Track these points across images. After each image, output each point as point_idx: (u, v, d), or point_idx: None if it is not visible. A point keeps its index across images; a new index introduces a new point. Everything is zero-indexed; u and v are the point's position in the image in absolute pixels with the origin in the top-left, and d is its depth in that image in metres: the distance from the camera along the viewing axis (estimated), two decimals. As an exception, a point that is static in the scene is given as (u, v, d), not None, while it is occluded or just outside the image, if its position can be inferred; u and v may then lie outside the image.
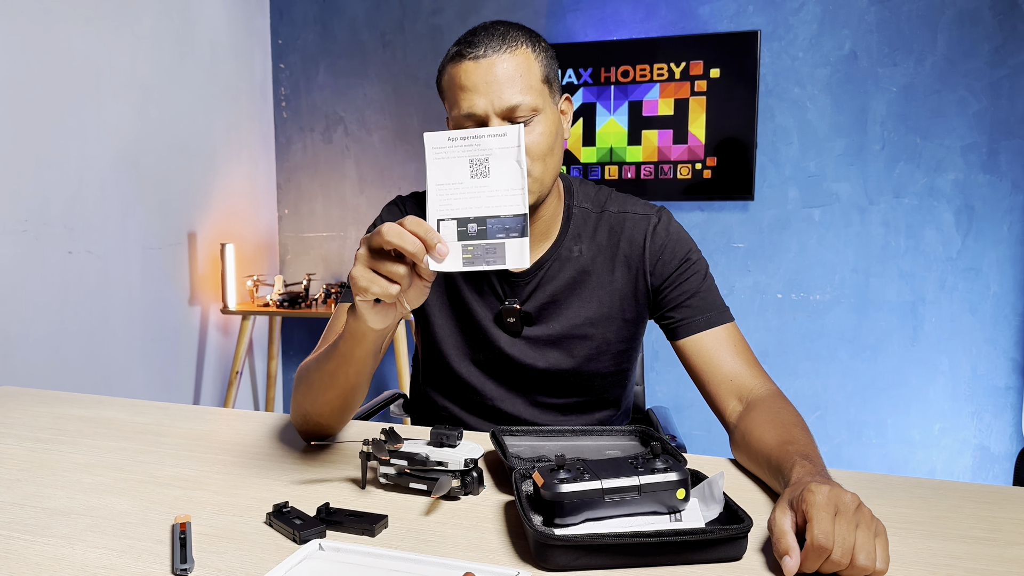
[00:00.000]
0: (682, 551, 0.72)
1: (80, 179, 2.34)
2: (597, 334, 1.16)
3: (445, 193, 0.84)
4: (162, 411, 1.24)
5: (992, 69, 2.49)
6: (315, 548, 0.72)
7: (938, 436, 2.64)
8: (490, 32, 1.04)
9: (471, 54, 1.03)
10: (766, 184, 2.73)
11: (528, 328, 1.17)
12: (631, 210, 1.18)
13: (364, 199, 3.19)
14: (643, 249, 1.16)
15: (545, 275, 1.16)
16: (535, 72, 1.05)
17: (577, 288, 1.16)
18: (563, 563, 0.70)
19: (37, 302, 2.21)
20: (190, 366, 2.88)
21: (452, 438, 0.87)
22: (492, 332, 1.17)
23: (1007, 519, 0.82)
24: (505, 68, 1.02)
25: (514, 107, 1.02)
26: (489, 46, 1.02)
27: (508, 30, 1.05)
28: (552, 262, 1.16)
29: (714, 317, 1.13)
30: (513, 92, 1.02)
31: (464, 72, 1.03)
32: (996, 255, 2.54)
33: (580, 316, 1.16)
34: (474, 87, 1.02)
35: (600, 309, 1.16)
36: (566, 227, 1.17)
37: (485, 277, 1.17)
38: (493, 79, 1.02)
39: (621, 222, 1.17)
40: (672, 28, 2.75)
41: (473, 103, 1.02)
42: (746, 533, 0.72)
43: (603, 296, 1.16)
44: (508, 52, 1.03)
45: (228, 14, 2.99)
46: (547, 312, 1.16)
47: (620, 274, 1.16)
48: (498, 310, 1.17)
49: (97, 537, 0.77)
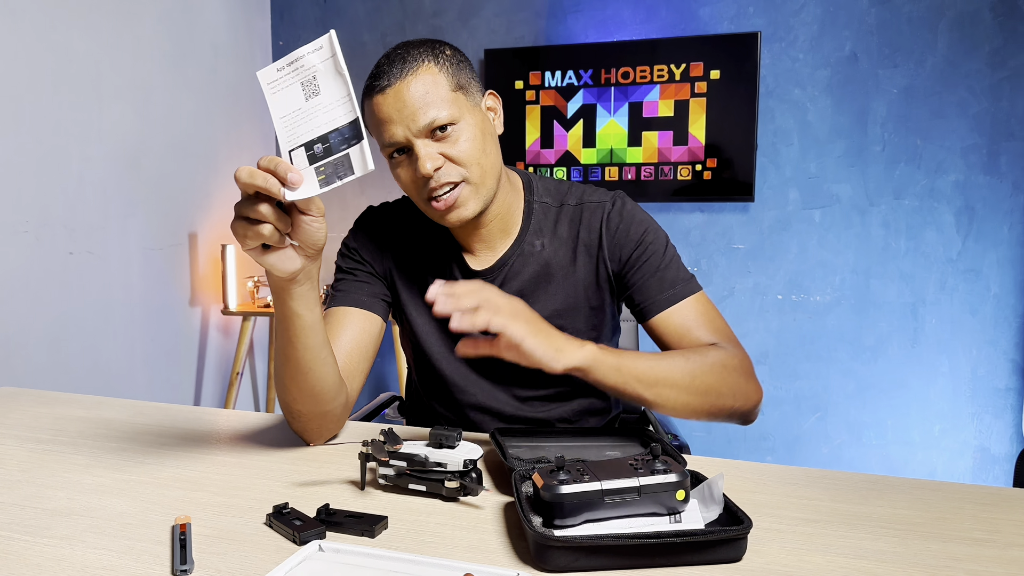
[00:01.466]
0: (681, 552, 0.72)
1: (81, 180, 2.34)
2: (566, 324, 1.16)
3: (289, 123, 0.84)
4: (162, 412, 1.24)
5: (992, 71, 2.49)
6: (315, 549, 0.72)
7: (938, 437, 2.64)
8: (391, 60, 1.06)
9: (378, 87, 1.06)
10: (766, 185, 2.73)
11: None
12: (588, 199, 1.20)
13: (364, 200, 3.19)
14: (600, 235, 1.17)
15: (509, 271, 1.18)
16: (442, 84, 1.06)
17: (542, 282, 1.18)
18: (563, 564, 0.70)
19: (38, 303, 2.21)
20: (191, 367, 2.88)
21: (451, 439, 0.87)
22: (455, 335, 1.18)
23: (1007, 520, 0.82)
24: (411, 92, 1.04)
25: (429, 123, 1.04)
26: (391, 74, 1.05)
27: (408, 52, 1.07)
28: (515, 258, 1.18)
29: (678, 292, 1.14)
30: (425, 112, 1.04)
31: (378, 106, 1.06)
32: (996, 256, 2.54)
33: (547, 309, 1.17)
34: (388, 118, 1.05)
35: (566, 300, 1.18)
36: (527, 223, 1.19)
37: (447, 278, 1.18)
38: (402, 106, 1.04)
39: (579, 212, 1.19)
40: (672, 29, 2.75)
41: (392, 133, 1.05)
42: (746, 534, 0.72)
43: (567, 287, 1.18)
44: (411, 75, 1.05)
45: (229, 15, 2.99)
46: None
47: (581, 263, 1.18)
48: None
49: (97, 538, 0.77)
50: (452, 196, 1.07)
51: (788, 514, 0.84)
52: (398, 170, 1.10)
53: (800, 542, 0.77)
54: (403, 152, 1.08)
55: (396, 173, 1.10)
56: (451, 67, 1.08)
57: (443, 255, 1.20)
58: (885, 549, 0.75)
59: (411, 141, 1.05)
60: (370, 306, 1.18)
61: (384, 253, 1.23)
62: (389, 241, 1.23)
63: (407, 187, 1.10)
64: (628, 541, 0.70)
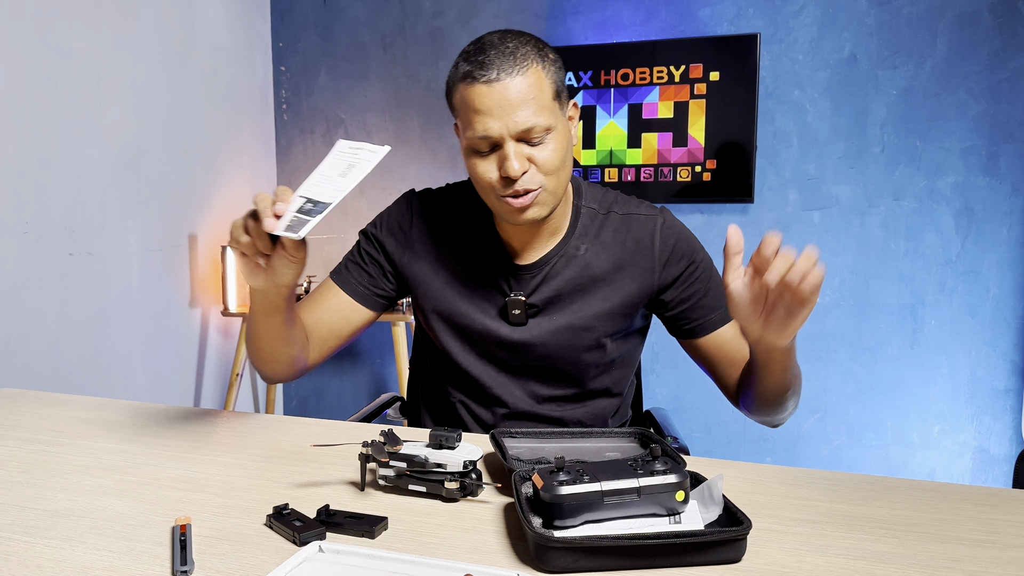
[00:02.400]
0: (681, 553, 0.72)
1: (81, 181, 2.34)
2: (598, 327, 1.19)
3: (318, 179, 0.96)
4: (163, 413, 1.24)
5: (992, 72, 2.49)
6: (315, 550, 0.72)
7: (938, 438, 2.64)
8: (500, 51, 1.04)
9: (483, 77, 1.03)
10: (766, 187, 2.73)
11: (532, 320, 1.19)
12: (636, 211, 1.21)
13: (364, 201, 3.19)
14: (651, 249, 1.19)
15: (551, 270, 1.18)
16: (546, 91, 1.06)
17: (581, 285, 1.19)
18: (563, 565, 0.71)
19: (38, 304, 2.21)
20: (191, 368, 2.88)
21: (451, 440, 0.87)
22: (493, 324, 1.19)
23: (1006, 521, 0.82)
24: (518, 91, 1.03)
25: (528, 129, 1.04)
26: (501, 68, 1.03)
27: (518, 47, 1.05)
28: (558, 258, 1.19)
29: (726, 312, 1.19)
30: (527, 115, 1.03)
31: (477, 95, 1.03)
32: (996, 258, 2.54)
33: (583, 311, 1.18)
34: (488, 111, 1.03)
35: (603, 306, 1.19)
36: (574, 226, 1.20)
37: (488, 271, 1.19)
38: (506, 103, 1.03)
39: (627, 222, 1.20)
40: (672, 31, 2.76)
41: (488, 126, 1.04)
42: (745, 535, 0.72)
43: (607, 293, 1.19)
44: (520, 74, 1.03)
45: (229, 16, 3.00)
46: (551, 306, 1.19)
47: (625, 272, 1.19)
48: (503, 303, 1.19)
49: (97, 539, 0.77)
50: (528, 199, 1.07)
51: (787, 515, 0.84)
52: (477, 160, 1.08)
53: (799, 543, 0.77)
54: (489, 148, 1.06)
55: (473, 162, 1.08)
56: (554, 72, 1.09)
57: (486, 249, 1.20)
58: (884, 550, 0.75)
59: (504, 139, 1.04)
60: (362, 297, 1.23)
61: (413, 246, 1.23)
62: (426, 232, 1.23)
63: (481, 181, 1.09)
64: (628, 542, 0.70)
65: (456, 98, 1.08)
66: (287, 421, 1.19)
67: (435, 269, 1.22)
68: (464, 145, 1.09)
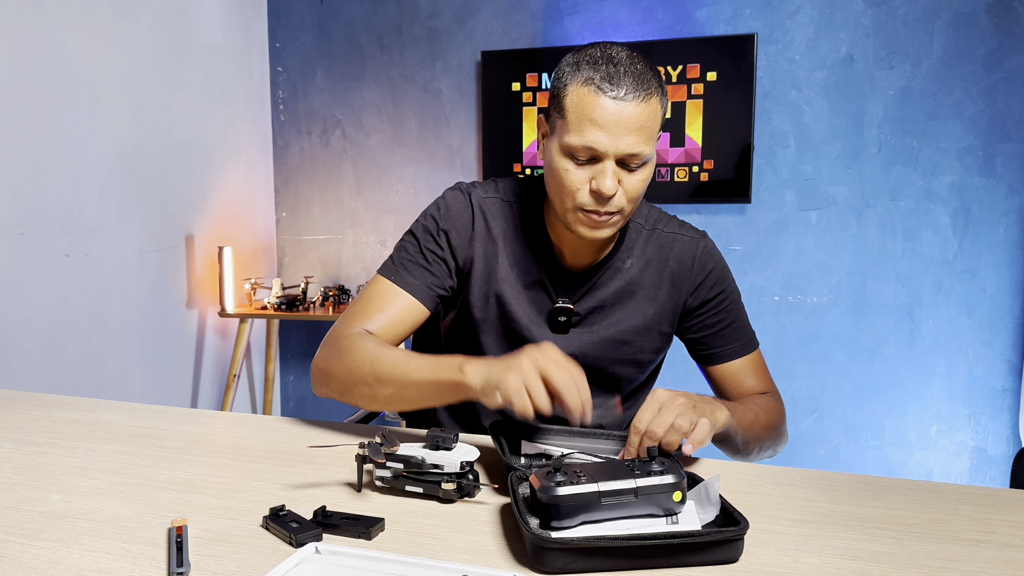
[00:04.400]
0: (678, 553, 0.72)
1: (77, 182, 2.34)
2: (636, 342, 1.22)
3: None
4: (159, 414, 1.23)
5: (988, 72, 2.50)
6: (311, 551, 0.72)
7: (935, 438, 2.64)
8: (632, 71, 1.03)
9: (611, 91, 1.02)
10: (763, 187, 2.73)
11: (573, 329, 1.20)
12: (681, 232, 1.24)
13: (361, 202, 3.19)
14: (690, 270, 1.21)
15: (598, 281, 1.20)
16: (657, 121, 1.07)
17: (624, 298, 1.20)
18: (559, 566, 0.71)
19: (34, 305, 2.21)
20: (187, 369, 2.88)
21: (448, 441, 0.87)
22: (537, 328, 1.20)
23: (1003, 521, 0.82)
24: (638, 117, 1.02)
25: (633, 155, 1.04)
26: (630, 90, 1.02)
27: (646, 71, 1.05)
28: (605, 270, 1.20)
29: (744, 346, 1.24)
30: (637, 141, 1.03)
31: (599, 106, 1.02)
32: (992, 258, 2.54)
33: (624, 324, 1.20)
34: (604, 125, 1.02)
35: (644, 320, 1.21)
36: (621, 240, 1.21)
37: (537, 273, 1.19)
38: (624, 124, 1.02)
39: (671, 241, 1.22)
40: (669, 31, 2.76)
41: (596, 140, 1.03)
42: (742, 535, 0.72)
43: (647, 308, 1.21)
44: (644, 100, 1.03)
45: (225, 17, 2.99)
46: (593, 316, 1.20)
47: (665, 290, 1.21)
48: (550, 308, 1.20)
49: (93, 541, 0.77)
50: (603, 220, 1.08)
51: (785, 515, 0.84)
52: (571, 167, 1.06)
53: (797, 543, 0.77)
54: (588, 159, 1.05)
55: (564, 165, 1.06)
56: (665, 104, 1.09)
57: (538, 253, 1.20)
58: (881, 550, 0.75)
59: (607, 156, 1.04)
60: (422, 296, 1.18)
61: (474, 239, 1.20)
62: (485, 226, 1.21)
63: (568, 187, 1.07)
64: (624, 543, 0.70)
65: (570, 99, 1.05)
66: (284, 422, 1.19)
67: (492, 265, 1.20)
68: (559, 145, 1.07)
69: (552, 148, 1.09)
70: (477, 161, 3.02)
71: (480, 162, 3.01)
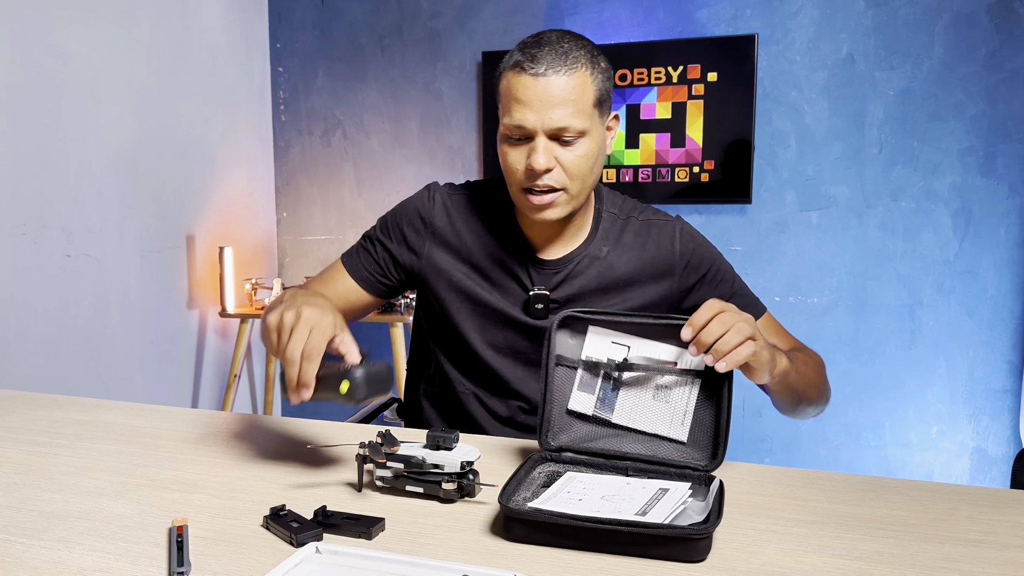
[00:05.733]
0: (640, 543, 0.73)
1: (79, 182, 2.34)
2: None
3: None
4: (160, 414, 1.24)
5: (989, 73, 2.50)
6: (312, 551, 0.72)
7: (936, 439, 2.64)
8: (554, 49, 1.07)
9: (532, 69, 1.06)
10: (764, 187, 2.73)
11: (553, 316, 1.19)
12: (655, 217, 1.25)
13: (362, 202, 3.19)
14: (671, 253, 1.22)
15: (574, 269, 1.21)
16: (589, 95, 1.08)
17: (604, 285, 1.21)
18: (521, 536, 0.76)
19: (35, 305, 2.21)
20: (188, 369, 2.88)
21: (448, 441, 0.87)
22: (516, 317, 1.21)
23: (1004, 522, 0.82)
24: (560, 90, 1.06)
25: (562, 128, 1.07)
26: (550, 65, 1.06)
27: (572, 48, 1.08)
28: (582, 258, 1.21)
29: (755, 312, 1.23)
30: (563, 114, 1.06)
31: (522, 85, 1.06)
32: (993, 258, 2.54)
33: None
34: (528, 102, 1.06)
35: (622, 306, 1.22)
36: (595, 229, 1.23)
37: (511, 265, 1.21)
38: (547, 98, 1.05)
39: (647, 228, 1.23)
40: (670, 32, 2.76)
41: (524, 117, 1.07)
42: (707, 535, 0.72)
43: (628, 295, 1.22)
44: (567, 74, 1.06)
45: (226, 17, 2.99)
46: (573, 304, 1.21)
47: (645, 276, 1.22)
48: (525, 297, 1.21)
49: (94, 540, 0.77)
50: (547, 198, 1.10)
51: (785, 515, 0.84)
52: (508, 148, 1.11)
53: (797, 543, 0.77)
54: (521, 138, 1.09)
55: (504, 149, 1.11)
56: (602, 81, 1.11)
57: (509, 243, 1.22)
58: (882, 550, 0.75)
59: (537, 133, 1.07)
60: (362, 281, 1.25)
61: (434, 235, 1.23)
62: (448, 222, 1.23)
63: (508, 169, 1.12)
64: (583, 523, 0.73)
65: (503, 84, 1.11)
66: (284, 422, 1.19)
67: (457, 259, 1.23)
68: (500, 132, 1.12)
69: (498, 138, 1.13)
70: (478, 161, 3.02)
71: (480, 163, 3.01)
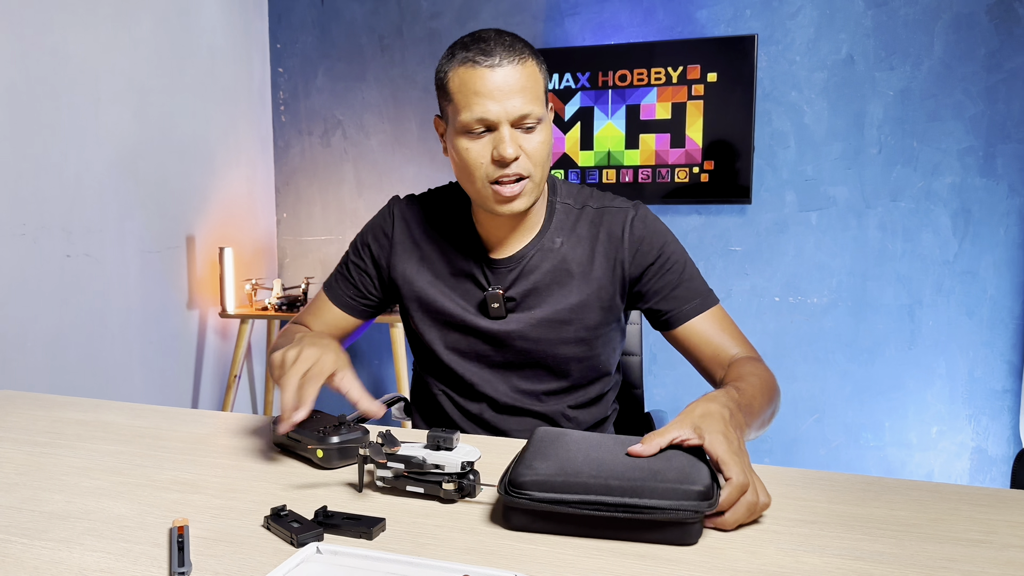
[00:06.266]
0: (636, 528, 0.75)
1: (78, 183, 2.34)
2: (576, 320, 1.22)
3: None
4: (160, 415, 1.24)
5: (988, 73, 2.50)
6: (313, 551, 0.72)
7: (935, 439, 2.64)
8: (500, 42, 1.10)
9: (486, 62, 1.08)
10: (763, 188, 2.74)
11: (511, 314, 1.22)
12: (609, 204, 1.25)
13: (362, 202, 3.19)
14: (621, 240, 1.21)
15: (528, 264, 1.21)
16: (540, 83, 1.13)
17: (558, 277, 1.22)
18: (521, 525, 0.79)
19: (35, 306, 2.21)
20: (188, 370, 2.88)
21: (449, 441, 0.87)
22: (472, 318, 1.22)
23: (1004, 522, 0.82)
24: (517, 79, 1.09)
25: (525, 115, 1.09)
26: (504, 56, 1.09)
27: (515, 41, 1.12)
28: (535, 252, 1.22)
29: (699, 304, 1.21)
30: (524, 102, 1.09)
31: (479, 78, 1.08)
32: (993, 258, 2.54)
33: (560, 303, 1.21)
34: (489, 94, 1.08)
35: (580, 297, 1.21)
36: (549, 221, 1.24)
37: (466, 267, 1.23)
38: (507, 88, 1.08)
39: (600, 216, 1.24)
40: (669, 32, 2.76)
41: (487, 108, 1.08)
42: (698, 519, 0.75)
43: (582, 285, 1.22)
44: (520, 63, 1.09)
45: (226, 18, 3.00)
46: (529, 299, 1.22)
47: (599, 264, 1.22)
48: (481, 297, 1.22)
49: (94, 541, 0.77)
50: (517, 188, 1.12)
51: (785, 515, 0.84)
52: (470, 144, 1.11)
53: (797, 543, 0.77)
54: (483, 130, 1.11)
55: (463, 145, 1.12)
56: (544, 70, 1.15)
57: (464, 245, 1.24)
58: (882, 550, 0.75)
59: (501, 123, 1.09)
60: (346, 307, 1.31)
61: (395, 249, 1.28)
62: (407, 234, 1.27)
63: (472, 163, 1.12)
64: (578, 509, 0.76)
65: (453, 83, 1.11)
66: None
67: (418, 269, 1.26)
68: (455, 131, 1.13)
69: (451, 137, 1.14)
70: (478, 162, 3.02)
71: (481, 163, 3.01)
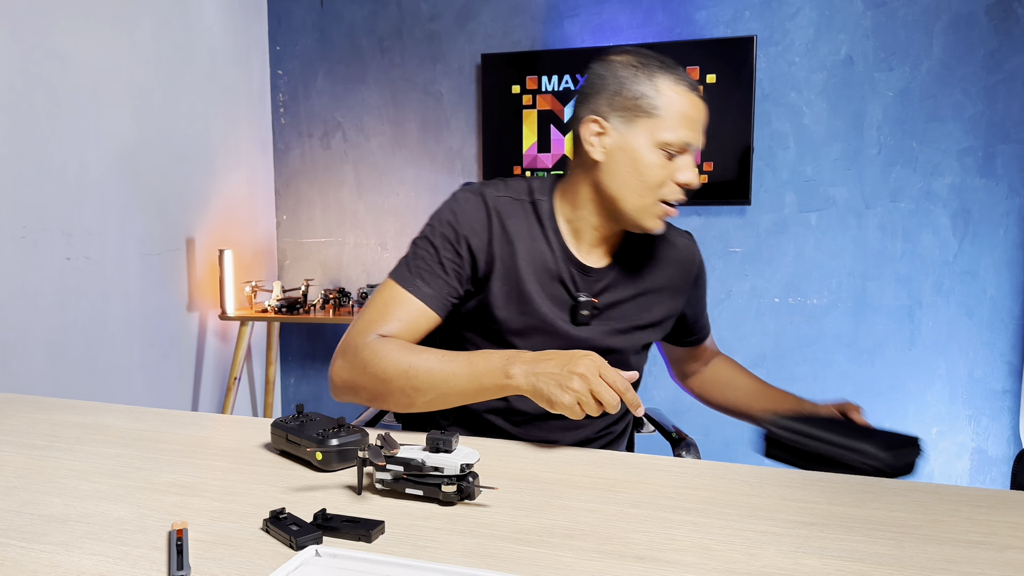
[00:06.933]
0: None
1: (78, 185, 2.34)
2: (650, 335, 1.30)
3: None
4: (160, 417, 1.23)
5: (988, 73, 2.50)
6: (312, 554, 0.72)
7: (935, 440, 2.64)
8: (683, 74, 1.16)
9: (695, 91, 1.14)
10: (763, 189, 2.74)
11: (596, 321, 1.25)
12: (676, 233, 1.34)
13: (362, 204, 3.19)
14: (691, 267, 1.33)
15: (615, 278, 1.25)
16: None
17: (636, 295, 1.27)
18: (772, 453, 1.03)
19: (35, 308, 2.21)
20: (188, 372, 2.88)
21: (448, 443, 0.87)
22: (560, 322, 1.22)
23: (1003, 523, 0.82)
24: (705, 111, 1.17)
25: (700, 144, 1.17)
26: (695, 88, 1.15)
27: None
28: (620, 268, 1.26)
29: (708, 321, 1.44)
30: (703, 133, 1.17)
31: (693, 105, 1.13)
32: (992, 259, 2.54)
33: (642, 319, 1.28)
34: (695, 122, 1.14)
35: (651, 317, 1.28)
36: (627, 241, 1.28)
37: (555, 271, 1.22)
38: (702, 121, 1.16)
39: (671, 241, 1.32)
40: (669, 34, 2.76)
41: (691, 136, 1.14)
42: None
43: (654, 306, 1.29)
44: None
45: (226, 20, 3.00)
46: (610, 311, 1.25)
47: (669, 288, 1.30)
48: (571, 303, 1.22)
49: (94, 544, 0.77)
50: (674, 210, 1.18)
51: (785, 517, 0.84)
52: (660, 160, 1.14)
53: (797, 544, 0.77)
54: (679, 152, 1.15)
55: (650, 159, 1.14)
56: None
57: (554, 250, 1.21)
58: (881, 552, 0.75)
59: (691, 150, 1.15)
60: (436, 306, 1.17)
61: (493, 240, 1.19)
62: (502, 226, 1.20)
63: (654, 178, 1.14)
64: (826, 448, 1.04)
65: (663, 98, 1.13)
66: (284, 425, 1.19)
67: (511, 265, 1.19)
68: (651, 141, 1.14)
69: (635, 145, 1.14)
70: (477, 163, 3.03)
71: (480, 164, 3.01)
